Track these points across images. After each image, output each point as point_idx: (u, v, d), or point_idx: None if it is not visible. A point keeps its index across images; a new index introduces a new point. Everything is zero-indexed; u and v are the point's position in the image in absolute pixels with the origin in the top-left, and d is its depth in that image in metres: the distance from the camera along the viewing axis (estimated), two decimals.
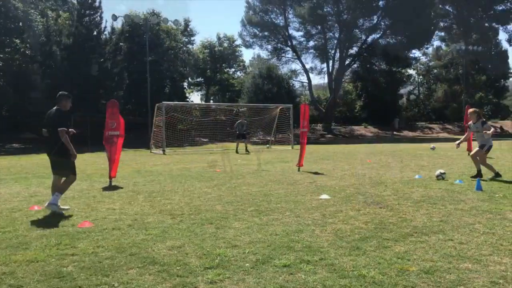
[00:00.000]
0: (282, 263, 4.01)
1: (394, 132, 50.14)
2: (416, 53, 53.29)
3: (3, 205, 7.26)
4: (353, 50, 48.11)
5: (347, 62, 48.03)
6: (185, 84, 49.27)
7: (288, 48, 49.58)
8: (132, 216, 6.25)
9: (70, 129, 6.88)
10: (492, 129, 9.70)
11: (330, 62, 48.62)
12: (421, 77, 68.69)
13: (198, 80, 51.87)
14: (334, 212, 6.28)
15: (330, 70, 48.39)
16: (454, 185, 8.63)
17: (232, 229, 5.37)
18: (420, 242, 4.65)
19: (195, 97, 66.32)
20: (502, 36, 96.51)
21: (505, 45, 63.00)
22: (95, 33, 32.37)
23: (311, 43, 49.01)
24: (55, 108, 6.82)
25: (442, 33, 59.86)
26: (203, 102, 53.39)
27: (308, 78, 49.46)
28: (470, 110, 10.18)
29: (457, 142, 10.72)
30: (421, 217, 5.82)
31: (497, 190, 7.80)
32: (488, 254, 4.20)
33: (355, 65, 50.30)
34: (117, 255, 4.37)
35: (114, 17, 34.44)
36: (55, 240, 4.96)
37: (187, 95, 50.01)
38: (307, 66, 50.01)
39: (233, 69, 54.46)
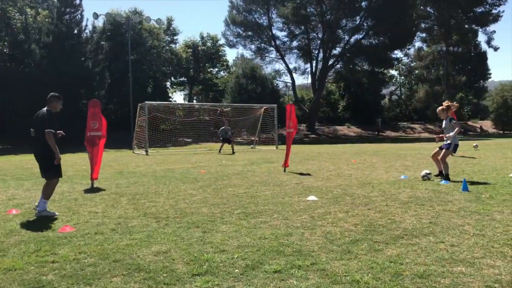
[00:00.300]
0: (273, 269, 3.89)
1: (379, 132, 50.53)
2: (398, 53, 53.78)
3: None
4: (336, 51, 48.22)
5: (330, 62, 48.16)
6: (168, 83, 48.83)
7: (271, 48, 49.46)
8: (115, 219, 6.05)
9: (58, 131, 6.74)
10: (457, 129, 9.35)
11: (314, 62, 48.71)
12: (402, 77, 69.54)
13: (181, 79, 51.39)
14: (323, 214, 6.19)
15: (313, 70, 48.49)
16: (440, 186, 8.64)
17: (219, 233, 5.22)
18: (411, 245, 4.57)
19: (178, 97, 66.00)
20: (482, 38, 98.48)
21: (484, 46, 64.06)
22: (75, 31, 31.75)
23: (295, 43, 49.01)
24: (45, 108, 6.63)
25: (424, 34, 60.71)
26: (186, 102, 52.99)
27: (292, 78, 49.46)
28: (438, 108, 9.86)
29: (440, 135, 10.60)
30: (410, 219, 5.76)
31: (483, 191, 7.82)
32: (481, 257, 4.15)
33: (338, 66, 50.47)
34: (100, 262, 4.19)
35: (96, 15, 33.90)
36: (34, 246, 4.75)
37: (170, 94, 49.60)
38: (291, 66, 49.99)
39: (216, 69, 54.10)
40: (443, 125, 9.70)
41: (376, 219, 5.81)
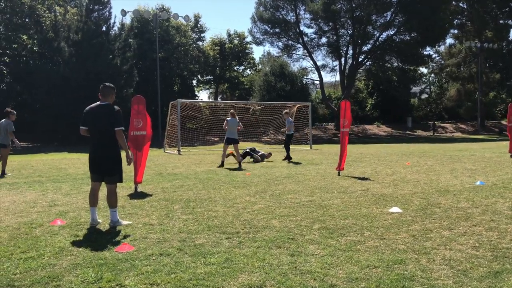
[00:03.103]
0: None
1: (407, 132, 48.97)
2: (429, 50, 51.84)
3: (19, 218, 6.19)
4: (366, 47, 46.79)
5: (359, 59, 46.73)
6: (194, 81, 48.19)
7: (299, 45, 48.29)
8: (177, 234, 5.16)
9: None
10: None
11: (343, 59, 47.38)
12: (432, 75, 67.39)
13: (207, 77, 50.66)
14: (423, 231, 5.17)
15: (342, 67, 47.16)
16: None
17: (311, 257, 4.27)
18: None
19: (204, 95, 65.29)
20: None
21: None
22: (104, 28, 31.25)
23: (323, 40, 47.74)
24: (106, 103, 5.90)
25: (455, 31, 58.60)
26: (219, 100, 52.14)
27: (320, 76, 48.20)
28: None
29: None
30: None
31: None
32: None
33: (368, 63, 48.94)
34: None
35: (123, 12, 33.41)
36: (93, 272, 3.87)
37: (196, 93, 48.96)
38: (319, 64, 48.77)
39: (242, 67, 53.16)
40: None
41: (494, 239, 4.77)
